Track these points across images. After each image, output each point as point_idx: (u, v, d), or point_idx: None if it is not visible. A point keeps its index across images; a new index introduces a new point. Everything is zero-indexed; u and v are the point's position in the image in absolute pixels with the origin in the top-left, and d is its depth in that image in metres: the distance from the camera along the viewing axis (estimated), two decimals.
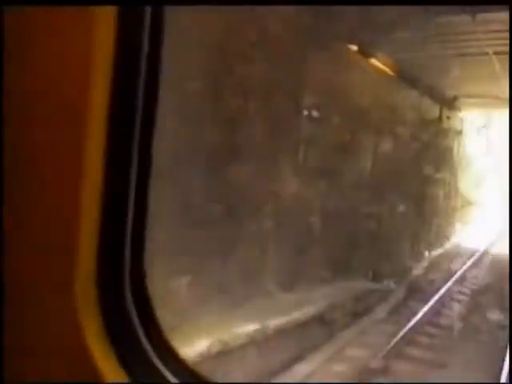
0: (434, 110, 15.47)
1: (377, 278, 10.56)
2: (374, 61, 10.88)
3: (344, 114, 9.88)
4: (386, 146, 11.92)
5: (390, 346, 7.57)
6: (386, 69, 11.63)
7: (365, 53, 10.45)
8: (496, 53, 10.35)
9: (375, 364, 7.08)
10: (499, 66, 11.38)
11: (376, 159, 11.49)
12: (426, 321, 9.09)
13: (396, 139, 12.41)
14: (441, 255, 15.60)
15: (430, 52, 10.92)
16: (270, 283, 7.27)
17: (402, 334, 8.16)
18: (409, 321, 8.76)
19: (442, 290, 10.80)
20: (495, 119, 41.13)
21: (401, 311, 9.56)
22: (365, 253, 10.48)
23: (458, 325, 9.23)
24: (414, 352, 7.86)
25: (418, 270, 13.15)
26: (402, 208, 12.68)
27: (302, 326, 7.10)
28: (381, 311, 9.35)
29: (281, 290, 7.52)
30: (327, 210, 9.12)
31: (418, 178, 13.76)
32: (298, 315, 7.14)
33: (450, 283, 11.50)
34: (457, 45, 10.41)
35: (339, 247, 9.38)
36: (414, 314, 9.19)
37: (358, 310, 8.82)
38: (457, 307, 10.32)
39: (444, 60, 11.43)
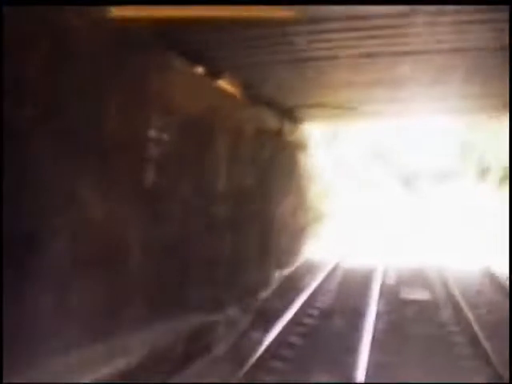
0: (276, 124, 14.87)
1: (218, 307, 9.45)
2: (220, 81, 10.74)
3: (186, 135, 8.97)
4: (229, 164, 11.00)
5: None
6: (233, 88, 11.44)
7: (211, 74, 10.22)
8: (349, 56, 9.74)
9: None
10: (349, 71, 10.86)
11: (217, 179, 10.49)
12: (270, 355, 8.09)
13: (238, 156, 11.54)
14: (291, 274, 15.02)
15: (278, 71, 10.61)
16: (69, 333, 5.83)
17: (241, 373, 7.11)
18: (251, 356, 7.71)
19: (290, 314, 9.95)
20: (343, 131, 42.63)
21: (244, 344, 8.50)
22: (205, 282, 9.35)
23: (305, 355, 8.43)
24: None
25: (266, 293, 12.36)
26: (246, 228, 11.79)
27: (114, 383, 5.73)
28: (220, 347, 8.23)
29: (88, 340, 6.10)
30: (155, 238, 7.88)
31: (262, 194, 12.95)
32: (108, 370, 5.77)
33: (298, 304, 10.73)
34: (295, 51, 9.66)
35: (170, 280, 8.13)
36: (259, 344, 8.20)
37: (192, 350, 7.61)
38: (304, 332, 9.55)
39: (286, 71, 10.77)
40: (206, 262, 9.49)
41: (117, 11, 6.67)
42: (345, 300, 12.13)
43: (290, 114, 16.09)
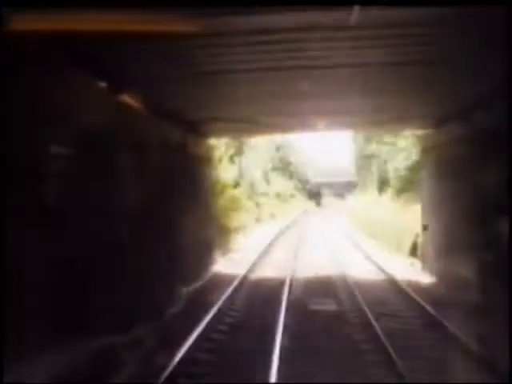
0: (180, 138, 14.73)
1: (123, 327, 9.13)
2: (123, 96, 10.55)
3: (88, 150, 8.67)
4: (132, 179, 10.74)
5: None
6: (136, 103, 11.27)
7: (114, 89, 10.01)
8: (249, 70, 9.77)
9: None
10: (249, 85, 10.90)
11: (121, 195, 10.19)
12: (178, 374, 7.91)
13: (142, 171, 11.29)
14: (199, 288, 14.88)
15: (181, 85, 10.54)
16: None
17: None
18: (158, 378, 7.50)
19: (197, 331, 9.80)
20: (248, 145, 43.04)
21: (147, 371, 8.18)
22: (109, 302, 8.99)
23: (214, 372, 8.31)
24: None
25: (174, 309, 12.14)
26: (151, 245, 11.52)
27: None
28: (122, 375, 7.92)
29: None
30: (54, 259, 7.50)
31: (167, 209, 12.73)
32: None
33: (206, 320, 10.60)
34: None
35: (71, 302, 7.76)
36: (166, 363, 8.00)
37: (96, 374, 7.29)
38: (212, 348, 9.43)
39: (189, 85, 10.69)
40: (110, 281, 9.15)
41: (14, 25, 6.34)
42: (253, 314, 12.12)
43: (195, 129, 16.00)
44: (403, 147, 31.07)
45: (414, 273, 17.60)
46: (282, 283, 15.08)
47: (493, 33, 7.51)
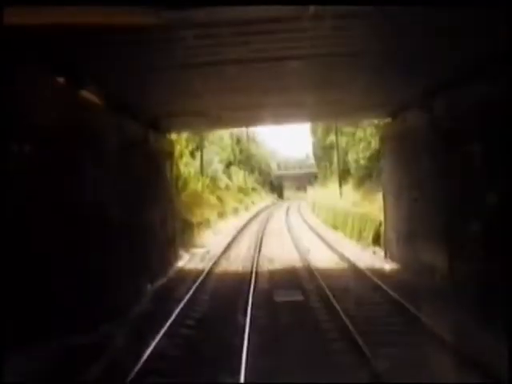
0: (141, 133, 14.58)
1: (88, 326, 9.03)
2: (83, 92, 10.37)
3: (47, 147, 8.54)
4: (93, 175, 10.58)
5: None
6: (96, 98, 11.10)
7: (74, 84, 9.84)
8: (204, 64, 9.70)
9: None
10: (206, 79, 10.83)
11: (83, 191, 10.05)
12: (147, 371, 7.87)
13: (103, 167, 11.13)
14: (164, 284, 14.79)
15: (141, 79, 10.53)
16: None
17: None
18: (126, 376, 7.44)
19: (164, 327, 9.76)
20: (209, 139, 42.87)
21: (119, 362, 8.13)
22: (73, 301, 8.86)
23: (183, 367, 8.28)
24: None
25: (140, 307, 12.04)
26: (115, 241, 11.40)
27: None
28: (94, 370, 7.83)
29: None
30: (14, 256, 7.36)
31: (129, 205, 12.60)
32: None
33: (172, 316, 10.55)
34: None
35: (32, 302, 7.62)
36: (135, 360, 7.94)
37: (65, 374, 7.18)
38: (183, 346, 9.39)
39: (148, 80, 10.59)
40: (73, 279, 9.02)
41: None
42: (219, 308, 12.11)
43: (156, 124, 15.87)
44: (362, 137, 31.37)
45: (377, 260, 17.84)
46: (247, 276, 15.11)
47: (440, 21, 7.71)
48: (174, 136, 20.31)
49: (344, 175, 38.11)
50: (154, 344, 8.83)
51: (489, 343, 8.15)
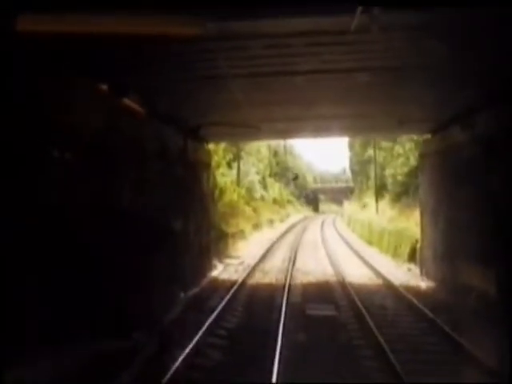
0: (180, 142, 14.71)
1: (123, 332, 9.10)
2: (125, 99, 10.53)
3: (89, 153, 8.67)
4: (133, 183, 10.73)
5: None
6: (138, 106, 11.19)
7: (116, 92, 10.02)
8: (248, 75, 9.78)
9: None
10: (248, 90, 10.89)
11: (122, 198, 10.18)
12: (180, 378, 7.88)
13: (142, 175, 11.27)
14: (197, 294, 14.79)
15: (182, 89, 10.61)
16: None
17: None
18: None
19: (197, 337, 9.76)
20: (246, 150, 42.97)
21: (152, 369, 8.16)
22: (107, 305, 8.95)
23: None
24: None
25: (172, 315, 12.06)
26: (152, 250, 11.48)
27: None
28: (127, 374, 7.87)
29: None
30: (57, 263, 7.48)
31: (166, 214, 12.69)
32: None
33: (205, 325, 10.54)
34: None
35: (73, 306, 7.72)
36: (167, 368, 7.94)
37: (99, 377, 7.23)
38: (215, 356, 9.37)
39: (190, 90, 10.72)
40: (113, 283, 9.12)
41: (19, 26, 6.27)
42: (252, 319, 12.06)
43: (194, 133, 15.99)
44: (401, 153, 31.08)
45: (413, 277, 17.57)
46: (280, 288, 15.04)
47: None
48: (211, 146, 20.40)
49: (380, 190, 37.76)
50: (187, 350, 8.85)
51: None
